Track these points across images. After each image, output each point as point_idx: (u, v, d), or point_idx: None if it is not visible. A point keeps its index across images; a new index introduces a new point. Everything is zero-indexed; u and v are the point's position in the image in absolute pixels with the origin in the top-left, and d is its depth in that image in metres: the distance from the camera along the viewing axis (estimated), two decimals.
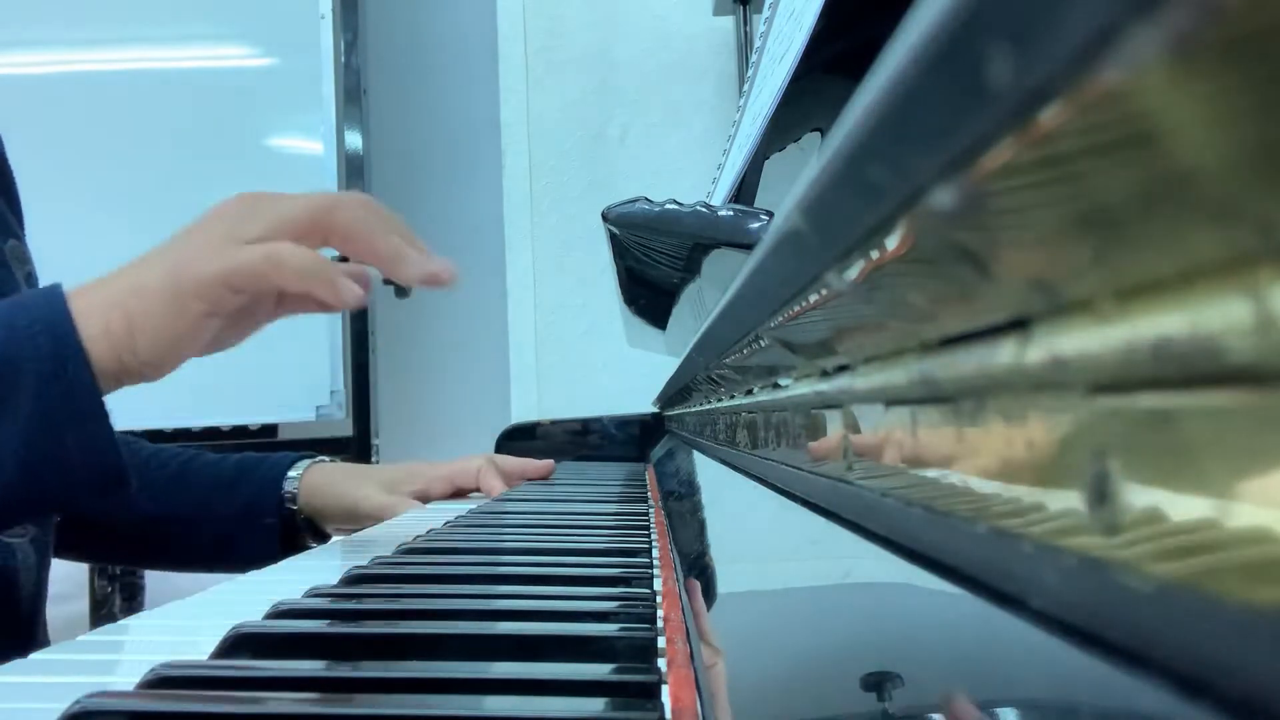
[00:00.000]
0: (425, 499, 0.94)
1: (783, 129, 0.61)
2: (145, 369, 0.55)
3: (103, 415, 0.53)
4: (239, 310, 0.56)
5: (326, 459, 0.98)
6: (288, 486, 0.91)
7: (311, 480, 0.92)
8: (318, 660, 0.33)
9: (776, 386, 0.33)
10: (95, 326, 0.53)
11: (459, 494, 0.98)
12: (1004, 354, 0.13)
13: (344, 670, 0.31)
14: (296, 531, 0.88)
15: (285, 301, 0.58)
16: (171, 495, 0.72)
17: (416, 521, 0.77)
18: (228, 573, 0.56)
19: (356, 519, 0.87)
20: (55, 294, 0.55)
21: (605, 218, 0.55)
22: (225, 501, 0.72)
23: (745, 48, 1.80)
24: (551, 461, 1.10)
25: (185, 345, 0.55)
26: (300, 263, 0.53)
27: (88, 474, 0.53)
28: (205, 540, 0.75)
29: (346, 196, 0.58)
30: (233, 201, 0.57)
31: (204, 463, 1.00)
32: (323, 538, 0.90)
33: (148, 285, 0.54)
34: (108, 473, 0.53)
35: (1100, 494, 0.11)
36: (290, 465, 0.93)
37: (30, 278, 0.92)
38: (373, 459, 2.11)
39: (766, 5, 0.73)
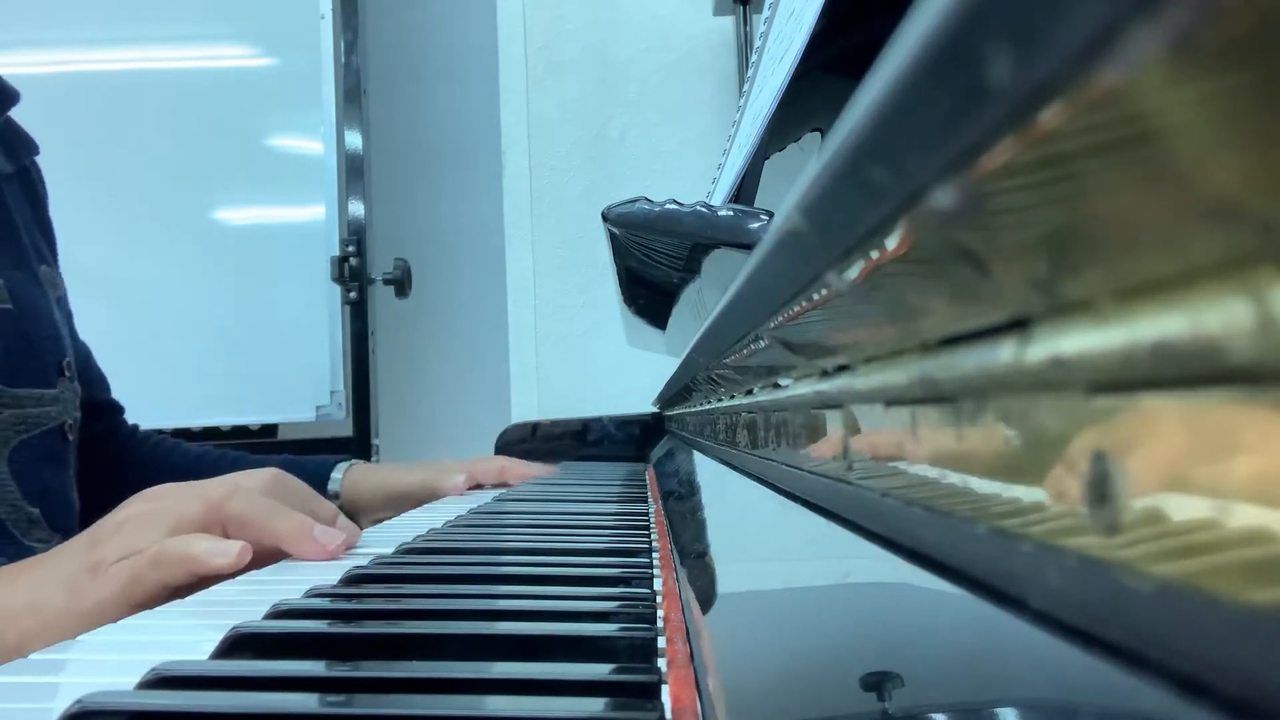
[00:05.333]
0: (468, 486, 1.06)
1: (783, 129, 0.61)
2: None
3: None
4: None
5: (362, 462, 1.10)
6: (332, 487, 1.05)
7: (353, 477, 1.05)
8: (318, 660, 0.33)
9: (776, 386, 0.33)
10: None
11: (477, 487, 1.09)
12: (1004, 354, 0.13)
13: (344, 670, 0.31)
14: None
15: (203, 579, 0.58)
16: None
17: (416, 522, 0.77)
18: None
19: (397, 500, 1.02)
20: None
21: (605, 218, 0.55)
22: None
23: (745, 48, 1.80)
24: (555, 467, 1.19)
25: None
26: (197, 550, 0.53)
27: None
28: None
29: (246, 481, 0.59)
30: (134, 506, 0.57)
31: (247, 465, 1.08)
32: None
33: (45, 606, 0.53)
34: None
35: (1100, 494, 0.11)
36: (333, 467, 1.06)
37: (61, 302, 0.96)
38: (373, 459, 2.11)
39: (766, 5, 0.73)
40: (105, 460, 1.02)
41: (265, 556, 0.58)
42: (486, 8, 2.10)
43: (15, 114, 1.01)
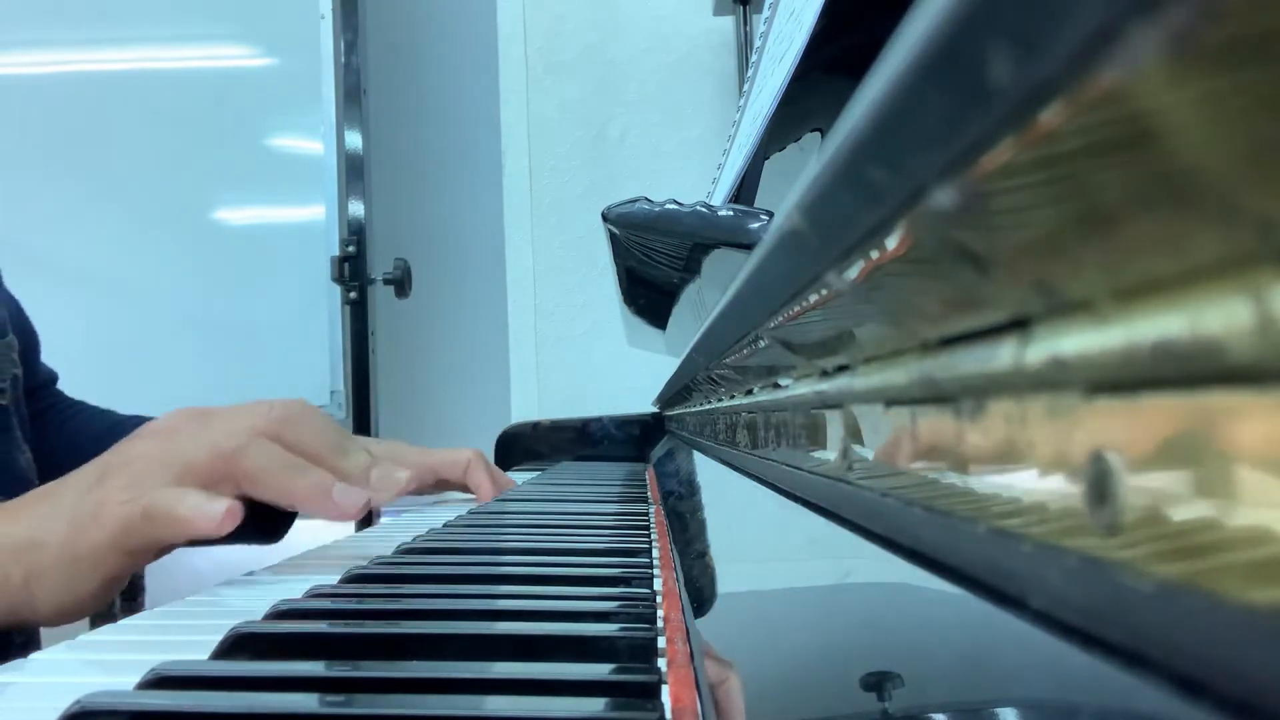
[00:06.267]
0: (407, 491, 0.90)
1: (783, 129, 0.61)
2: (45, 621, 0.52)
3: None
4: (158, 551, 0.53)
5: None
6: None
7: None
8: (318, 660, 0.33)
9: (776, 386, 0.33)
10: None
11: (442, 485, 0.94)
12: (1004, 354, 0.13)
13: (344, 670, 0.31)
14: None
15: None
16: None
17: (416, 522, 0.77)
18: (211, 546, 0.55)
19: None
20: None
21: (605, 218, 0.55)
22: None
23: (745, 48, 1.80)
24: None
25: (89, 604, 0.52)
26: (183, 509, 0.50)
27: None
28: None
29: (264, 426, 0.55)
30: (147, 442, 0.54)
31: None
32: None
33: (48, 542, 0.51)
34: None
35: (1100, 494, 0.11)
36: None
37: None
38: None
39: (766, 5, 0.73)
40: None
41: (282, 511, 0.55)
42: (486, 8, 2.10)
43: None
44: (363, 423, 2.10)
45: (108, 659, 0.37)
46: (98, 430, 0.99)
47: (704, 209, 0.48)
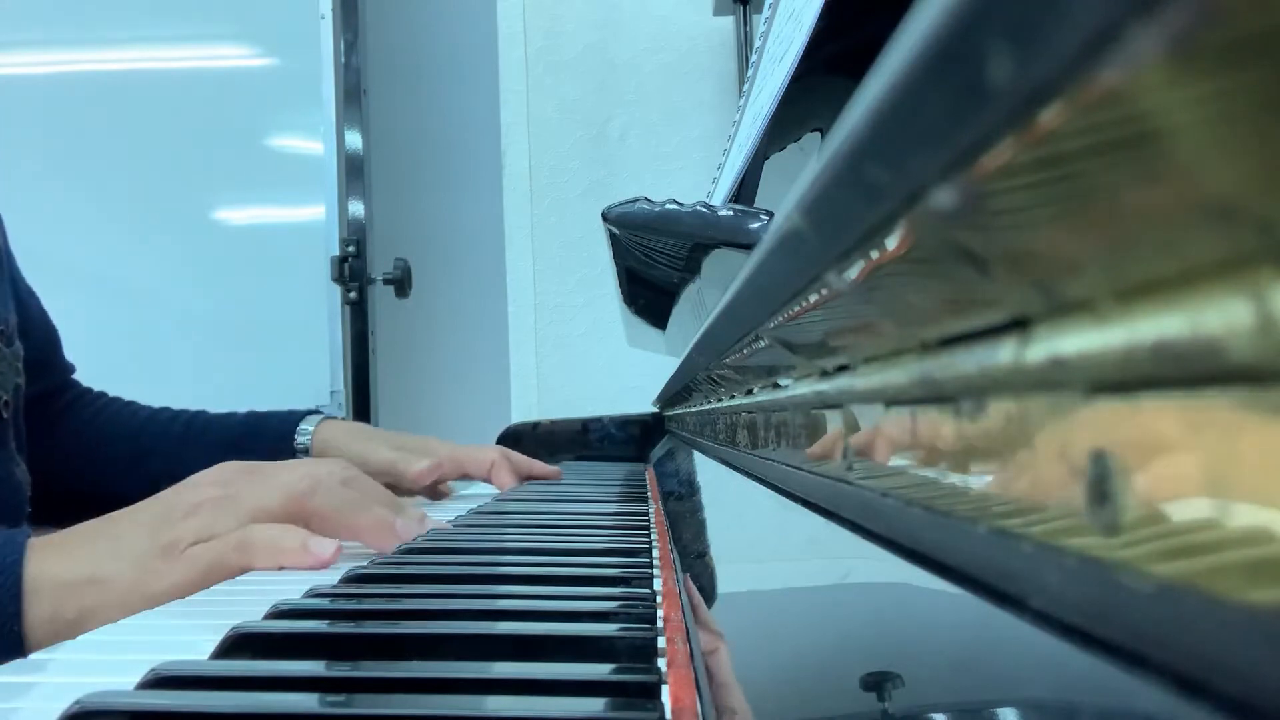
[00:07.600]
0: (434, 475, 0.95)
1: (783, 129, 0.61)
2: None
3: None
4: None
5: (336, 416, 1.00)
6: (300, 440, 0.95)
7: (323, 437, 0.95)
8: (318, 660, 0.33)
9: (776, 386, 0.33)
10: (43, 610, 0.49)
11: (464, 478, 1.01)
12: (1004, 354, 0.13)
13: (344, 670, 0.31)
14: None
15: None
16: (179, 456, 0.69)
17: None
18: None
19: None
20: (11, 561, 0.50)
21: (605, 218, 0.55)
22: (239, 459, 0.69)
23: (745, 48, 1.80)
24: (559, 469, 1.10)
25: None
26: (264, 545, 0.53)
27: None
28: None
29: (326, 475, 0.59)
30: (205, 489, 0.56)
31: (207, 421, 1.01)
32: None
33: (111, 582, 0.51)
34: None
35: (1100, 494, 0.11)
36: (300, 420, 0.96)
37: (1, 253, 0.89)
38: None
39: (766, 5, 0.73)
40: (46, 421, 0.95)
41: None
42: (486, 8, 2.10)
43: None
44: (362, 423, 2.10)
45: (108, 659, 0.37)
46: (130, 428, 1.01)
47: (704, 209, 0.48)
